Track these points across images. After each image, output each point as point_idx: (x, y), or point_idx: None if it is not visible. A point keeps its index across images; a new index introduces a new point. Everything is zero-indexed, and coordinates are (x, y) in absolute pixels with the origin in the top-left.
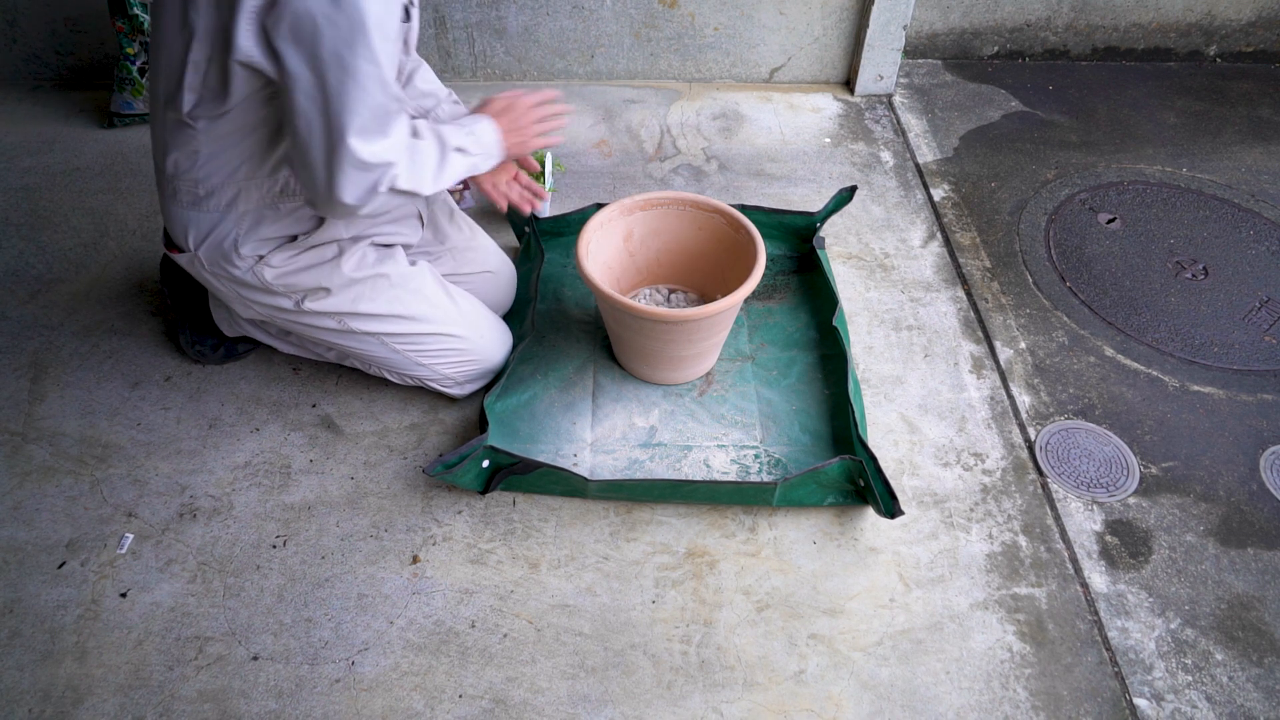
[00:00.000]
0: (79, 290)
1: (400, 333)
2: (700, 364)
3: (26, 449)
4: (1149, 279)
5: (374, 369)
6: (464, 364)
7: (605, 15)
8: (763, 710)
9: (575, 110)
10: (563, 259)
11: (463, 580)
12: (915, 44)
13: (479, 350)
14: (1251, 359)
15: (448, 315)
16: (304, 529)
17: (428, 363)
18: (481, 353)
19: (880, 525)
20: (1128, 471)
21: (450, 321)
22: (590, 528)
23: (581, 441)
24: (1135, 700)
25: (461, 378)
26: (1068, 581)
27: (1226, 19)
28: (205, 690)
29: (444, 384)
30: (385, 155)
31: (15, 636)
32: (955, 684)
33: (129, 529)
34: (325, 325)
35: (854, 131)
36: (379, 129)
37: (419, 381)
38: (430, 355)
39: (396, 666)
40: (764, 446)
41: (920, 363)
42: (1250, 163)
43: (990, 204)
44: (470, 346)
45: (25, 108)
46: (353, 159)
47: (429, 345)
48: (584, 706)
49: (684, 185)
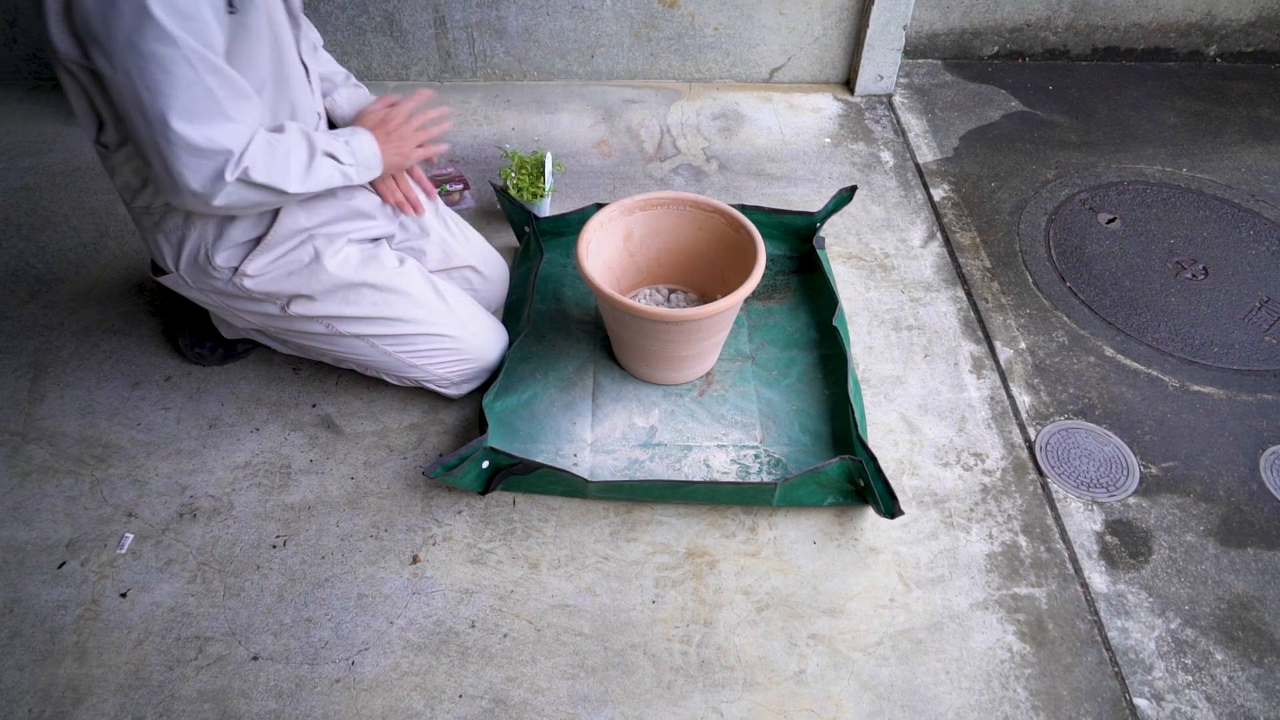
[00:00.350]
0: (79, 290)
1: (389, 334)
2: (700, 364)
3: (26, 449)
4: (1149, 279)
5: (370, 371)
6: (457, 363)
7: (605, 15)
8: (763, 710)
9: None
10: (562, 259)
11: (463, 580)
12: (915, 44)
13: (472, 349)
14: (1251, 359)
15: (437, 315)
16: (304, 529)
17: (420, 364)
18: (475, 351)
19: (880, 525)
20: (1128, 471)
21: (440, 322)
22: (590, 528)
23: (581, 441)
24: (1135, 700)
25: (457, 378)
26: (1068, 581)
27: (1226, 19)
28: (205, 690)
29: (440, 384)
30: (224, 141)
31: (15, 636)
32: (955, 684)
33: (129, 529)
34: (314, 330)
35: (854, 131)
36: (210, 112)
37: (416, 383)
38: (422, 356)
39: (396, 666)
40: (764, 446)
41: (920, 363)
42: (1250, 163)
43: (990, 204)
44: (462, 346)
45: (25, 108)
46: (183, 143)
47: (419, 346)
48: (584, 706)
49: (684, 185)
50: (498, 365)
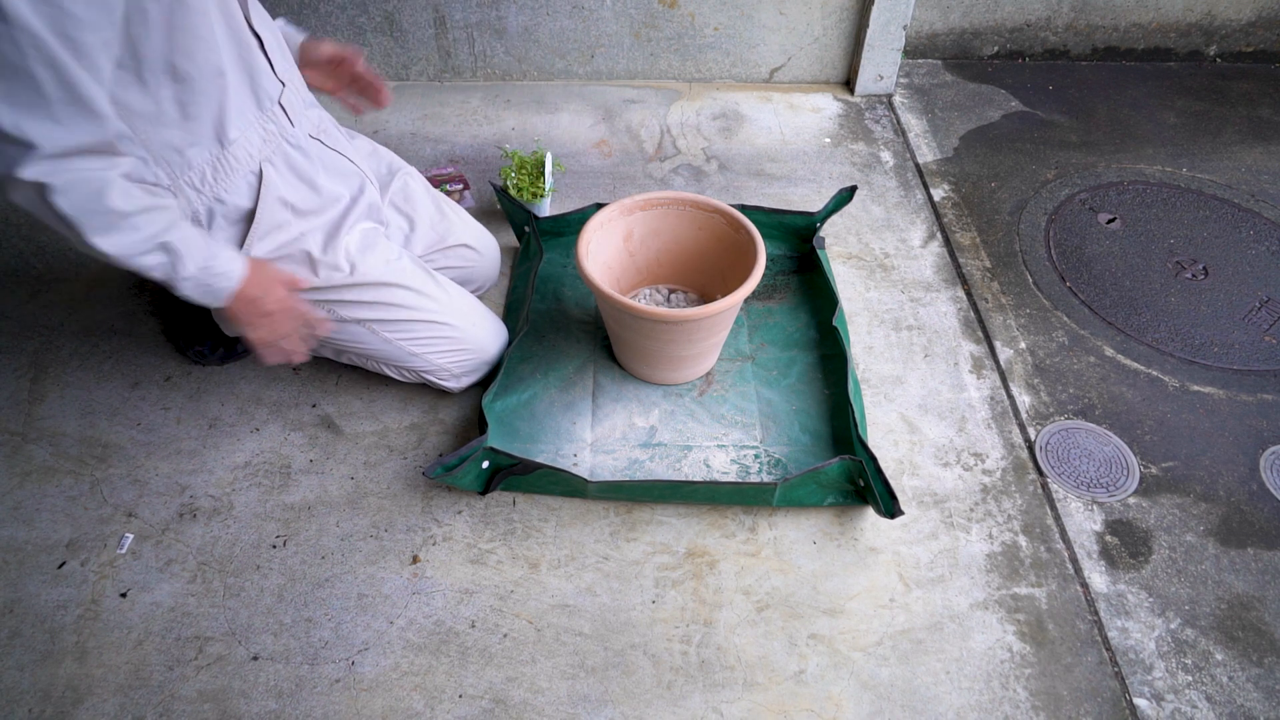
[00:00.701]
0: (79, 290)
1: (389, 319)
2: (700, 364)
3: (26, 449)
4: (1149, 279)
5: (372, 364)
6: (458, 353)
7: (605, 15)
8: (763, 710)
9: (574, 110)
10: (562, 259)
11: (463, 580)
12: (915, 44)
13: (472, 340)
14: (1251, 359)
15: (437, 303)
16: (304, 529)
17: (420, 352)
18: (474, 342)
19: (880, 525)
20: (1128, 471)
21: (439, 310)
22: (590, 528)
23: (581, 441)
24: (1135, 700)
25: (458, 369)
26: (1068, 581)
27: (1226, 19)
28: (205, 690)
29: (441, 376)
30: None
31: (15, 636)
32: (955, 684)
33: (129, 529)
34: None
35: (854, 131)
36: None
37: (417, 375)
38: (422, 344)
39: (396, 666)
40: (764, 446)
41: (920, 363)
42: (1250, 163)
43: (990, 204)
44: (462, 335)
45: None
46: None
47: (420, 333)
48: (584, 706)
49: (684, 185)
50: (497, 360)
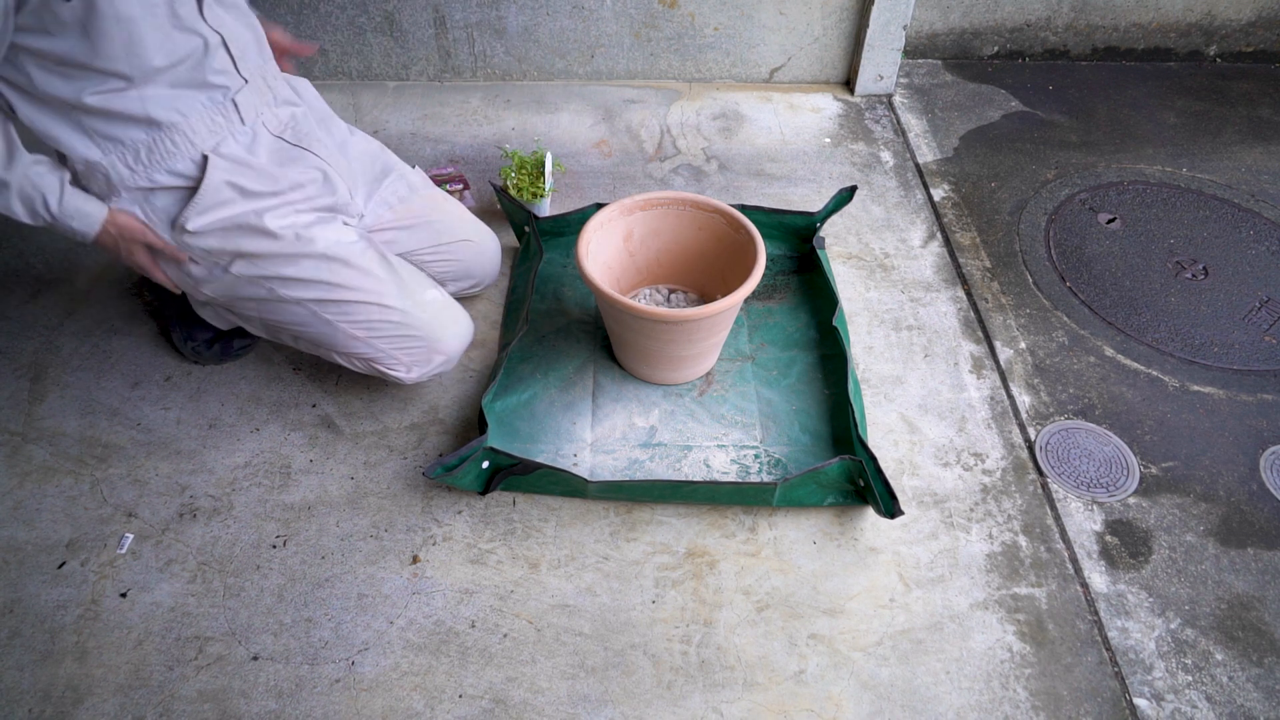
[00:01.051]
0: (79, 290)
1: (328, 299)
2: (700, 364)
3: (26, 449)
4: (1149, 279)
5: (323, 351)
6: (403, 339)
7: (605, 15)
8: (763, 710)
9: (574, 110)
10: (562, 259)
11: (463, 580)
12: (915, 44)
13: (421, 325)
14: (1251, 359)
15: (380, 286)
16: (304, 529)
17: (363, 335)
18: (424, 329)
19: (880, 525)
20: (1128, 471)
21: (383, 292)
22: (590, 528)
23: (581, 441)
24: (1135, 700)
25: (407, 358)
26: (1068, 581)
27: (1226, 19)
28: (205, 690)
29: (389, 364)
30: None
31: (15, 636)
32: (955, 684)
33: (129, 529)
34: (256, 295)
35: (854, 131)
36: None
37: (367, 363)
38: (363, 327)
39: (396, 666)
40: (764, 446)
41: (920, 363)
42: (1250, 163)
43: (990, 204)
44: (409, 320)
45: None
46: None
47: (360, 315)
48: (584, 706)
49: (684, 185)
50: (456, 357)
